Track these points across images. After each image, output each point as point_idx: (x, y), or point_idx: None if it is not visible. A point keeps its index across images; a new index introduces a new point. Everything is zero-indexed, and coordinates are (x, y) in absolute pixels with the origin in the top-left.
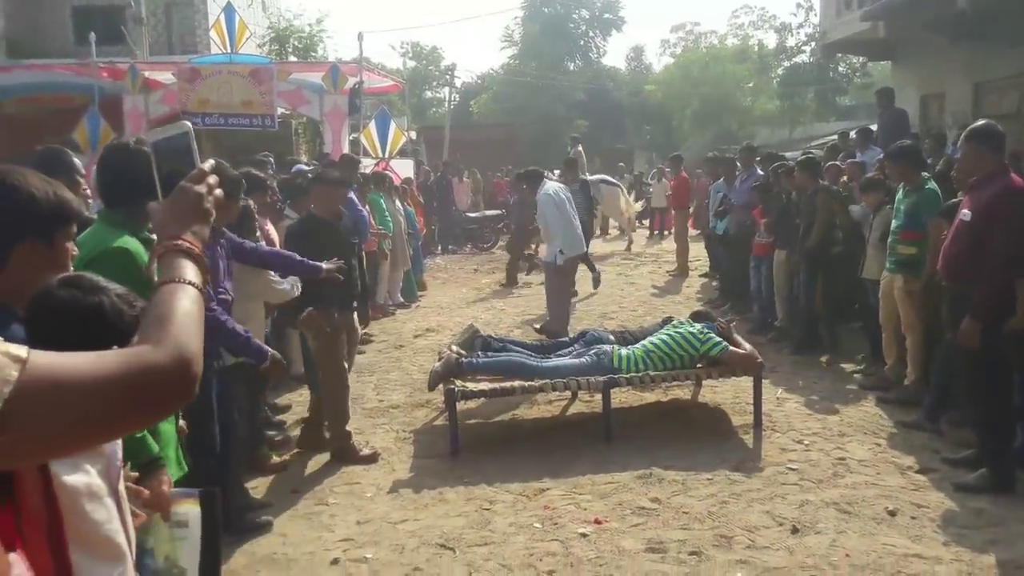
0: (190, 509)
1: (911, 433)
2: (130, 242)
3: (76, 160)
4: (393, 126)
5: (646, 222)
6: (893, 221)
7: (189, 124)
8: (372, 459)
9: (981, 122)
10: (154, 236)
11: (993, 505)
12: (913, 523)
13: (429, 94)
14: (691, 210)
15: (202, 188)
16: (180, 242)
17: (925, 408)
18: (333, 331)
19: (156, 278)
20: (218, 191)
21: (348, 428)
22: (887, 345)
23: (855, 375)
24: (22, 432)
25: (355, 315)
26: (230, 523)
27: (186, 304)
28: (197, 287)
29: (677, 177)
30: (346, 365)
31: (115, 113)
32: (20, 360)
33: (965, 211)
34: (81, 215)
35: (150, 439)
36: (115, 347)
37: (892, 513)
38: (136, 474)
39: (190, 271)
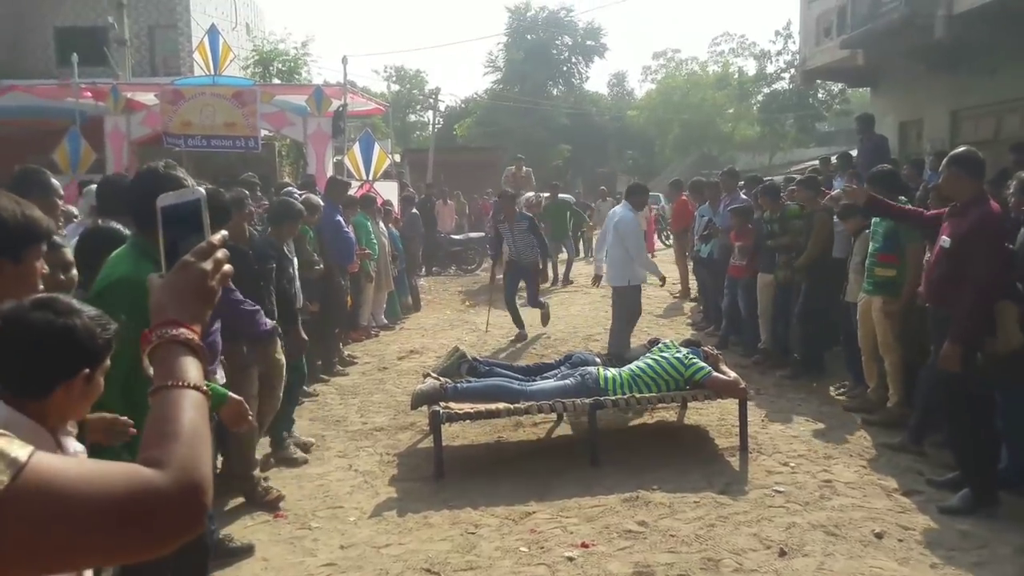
0: None
1: (896, 455)
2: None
3: (54, 180)
4: (377, 148)
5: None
6: (871, 244)
7: (203, 191)
8: (275, 503)
9: (962, 148)
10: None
11: (978, 527)
12: (900, 545)
13: (413, 117)
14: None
15: (208, 264)
16: (179, 333)
17: (909, 430)
18: (242, 367)
19: (149, 371)
20: (227, 267)
21: (254, 473)
22: (868, 367)
23: (839, 397)
24: (1, 545)
25: (278, 346)
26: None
27: (192, 416)
28: (201, 390)
29: (676, 201)
30: (270, 401)
31: (96, 134)
32: (16, 465)
33: (944, 238)
34: (51, 234)
35: None
36: (85, 369)
37: (879, 535)
38: None
39: (192, 370)
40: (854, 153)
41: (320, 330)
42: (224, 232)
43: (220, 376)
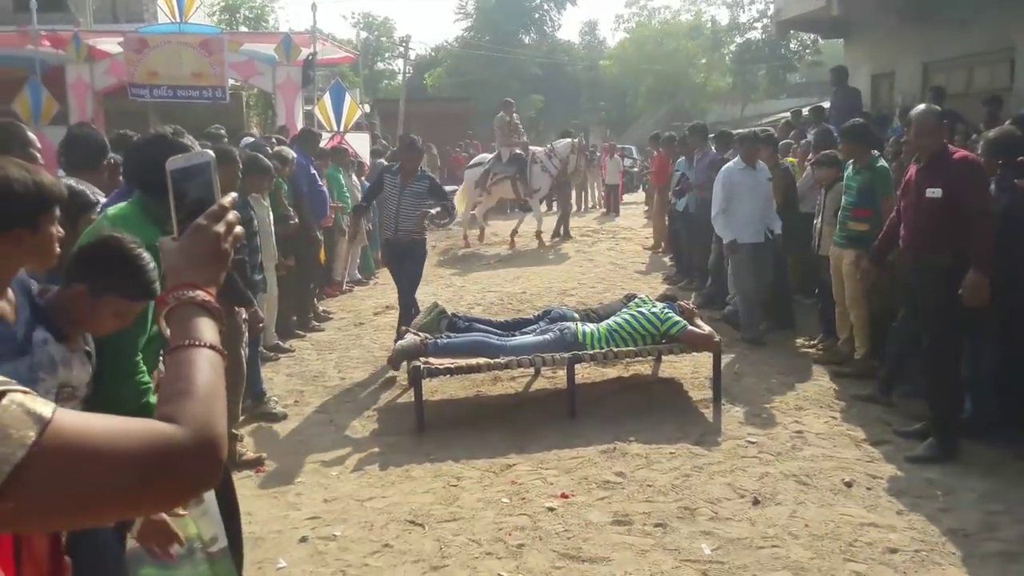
0: None
1: (865, 406)
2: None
3: (31, 134)
4: (348, 99)
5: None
6: (844, 198)
7: (212, 153)
8: (255, 462)
9: (923, 105)
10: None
11: (943, 475)
12: (868, 494)
13: (381, 66)
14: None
15: (221, 227)
16: (195, 294)
17: (879, 381)
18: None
19: (167, 332)
20: (238, 229)
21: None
22: (840, 320)
23: (809, 350)
24: (27, 502)
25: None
26: None
27: (208, 374)
28: (217, 349)
29: (658, 156)
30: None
31: (58, 83)
32: (42, 421)
33: (932, 189)
34: (63, 198)
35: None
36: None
37: (848, 484)
38: None
39: (208, 330)
40: (826, 105)
41: (295, 285)
42: (234, 194)
43: None
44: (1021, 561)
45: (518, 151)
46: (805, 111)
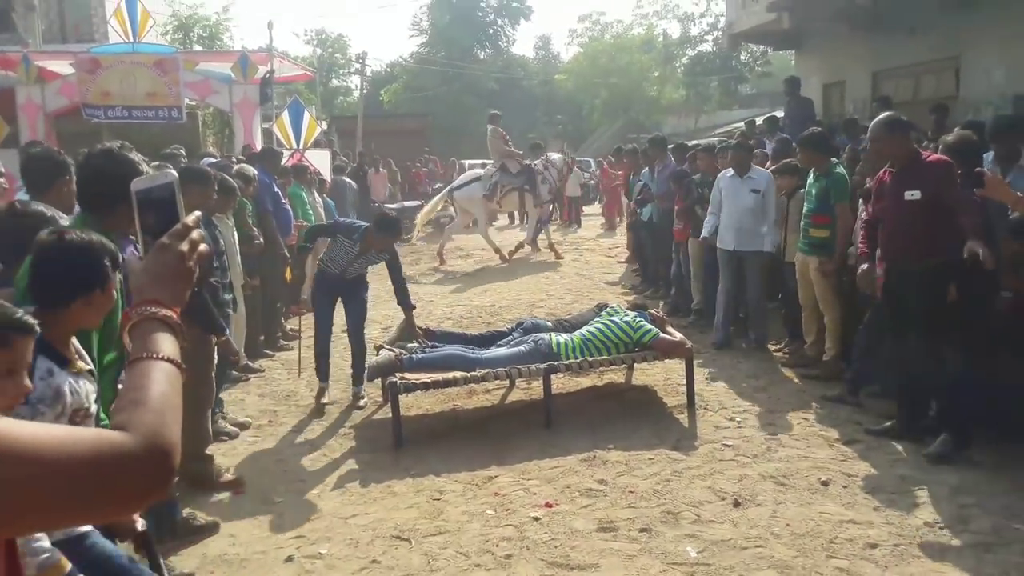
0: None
1: (835, 407)
2: None
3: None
4: (307, 116)
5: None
6: (805, 205)
7: (175, 173)
8: (234, 484)
9: (891, 112)
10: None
11: (916, 471)
12: (845, 491)
13: (336, 82)
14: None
15: (185, 246)
16: (157, 310)
17: (846, 383)
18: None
19: (129, 347)
20: (203, 247)
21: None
22: (807, 323)
23: (776, 354)
24: None
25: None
26: (168, 525)
27: (163, 385)
28: (175, 363)
29: (606, 168)
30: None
31: (7, 105)
32: None
33: (913, 192)
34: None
35: None
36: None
37: (825, 483)
38: None
39: (167, 345)
40: (780, 115)
41: (261, 305)
42: (198, 213)
43: None
44: (995, 551)
45: (527, 162)
46: (759, 121)
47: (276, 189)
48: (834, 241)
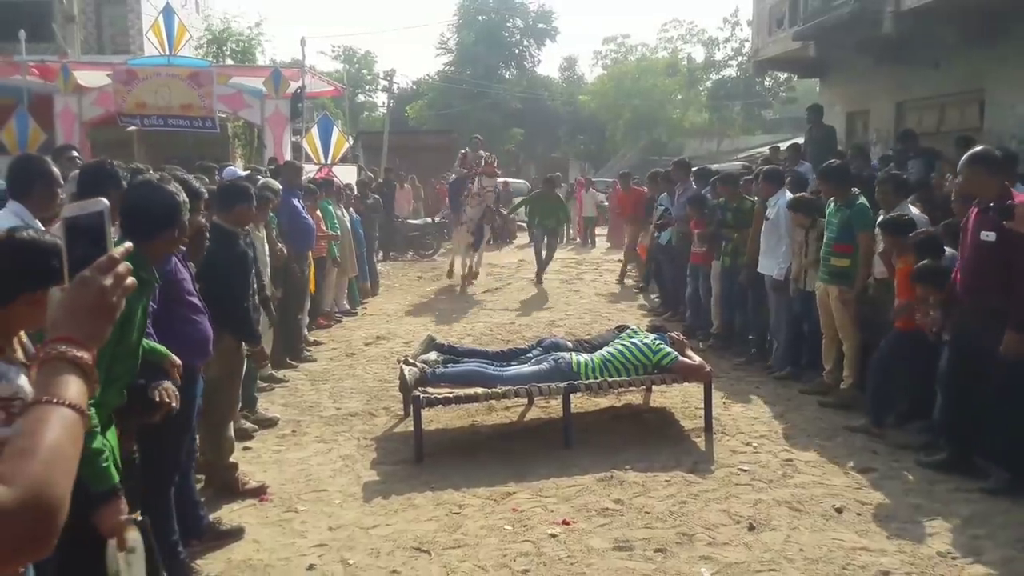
0: (134, 535)
1: (851, 435)
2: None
3: (54, 168)
4: (336, 132)
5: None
6: (826, 234)
7: (106, 202)
8: (258, 491)
9: (980, 147)
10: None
11: (929, 501)
12: (859, 519)
13: (362, 98)
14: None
15: (108, 280)
16: (66, 349)
17: (870, 414)
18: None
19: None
20: (130, 280)
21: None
22: (826, 352)
23: (794, 380)
24: None
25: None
26: (195, 527)
27: (57, 434)
28: (78, 409)
29: (629, 191)
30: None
31: (45, 113)
32: None
33: (988, 232)
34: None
35: (113, 469)
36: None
37: (839, 510)
38: None
39: (72, 388)
40: (802, 142)
41: (282, 316)
42: (128, 244)
43: None
44: None
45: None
46: (783, 147)
47: (296, 202)
48: (854, 270)
